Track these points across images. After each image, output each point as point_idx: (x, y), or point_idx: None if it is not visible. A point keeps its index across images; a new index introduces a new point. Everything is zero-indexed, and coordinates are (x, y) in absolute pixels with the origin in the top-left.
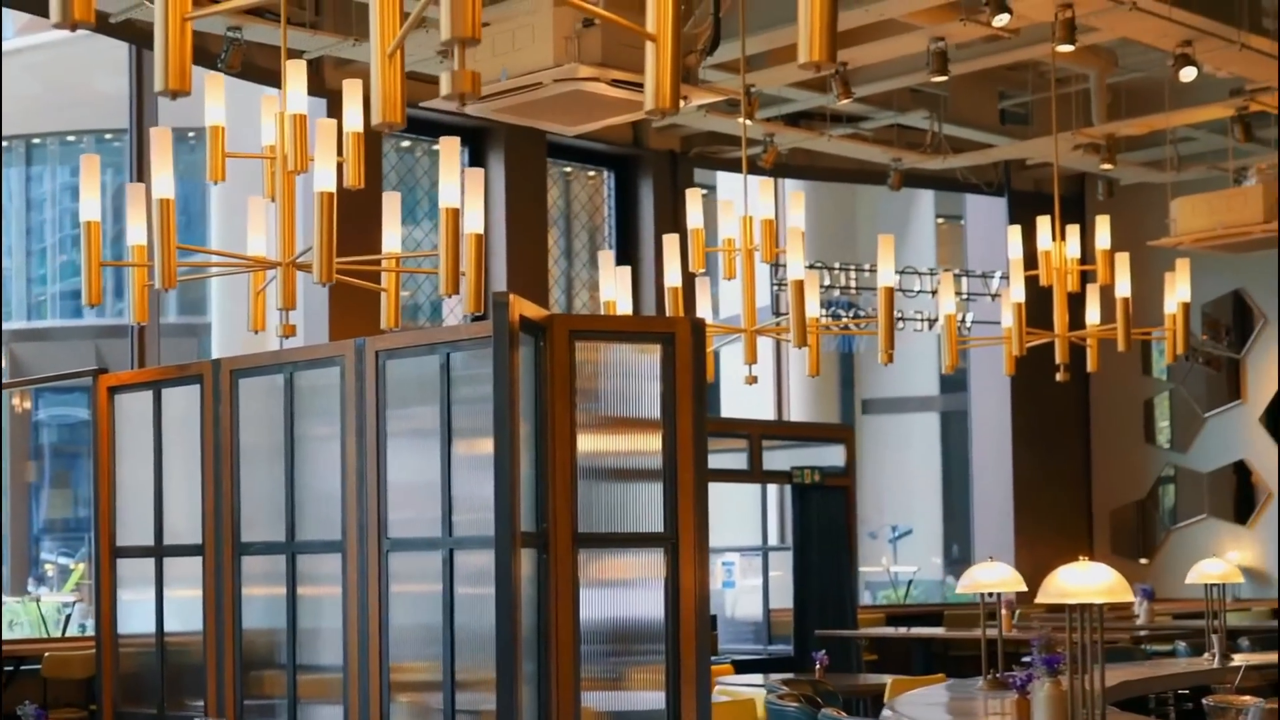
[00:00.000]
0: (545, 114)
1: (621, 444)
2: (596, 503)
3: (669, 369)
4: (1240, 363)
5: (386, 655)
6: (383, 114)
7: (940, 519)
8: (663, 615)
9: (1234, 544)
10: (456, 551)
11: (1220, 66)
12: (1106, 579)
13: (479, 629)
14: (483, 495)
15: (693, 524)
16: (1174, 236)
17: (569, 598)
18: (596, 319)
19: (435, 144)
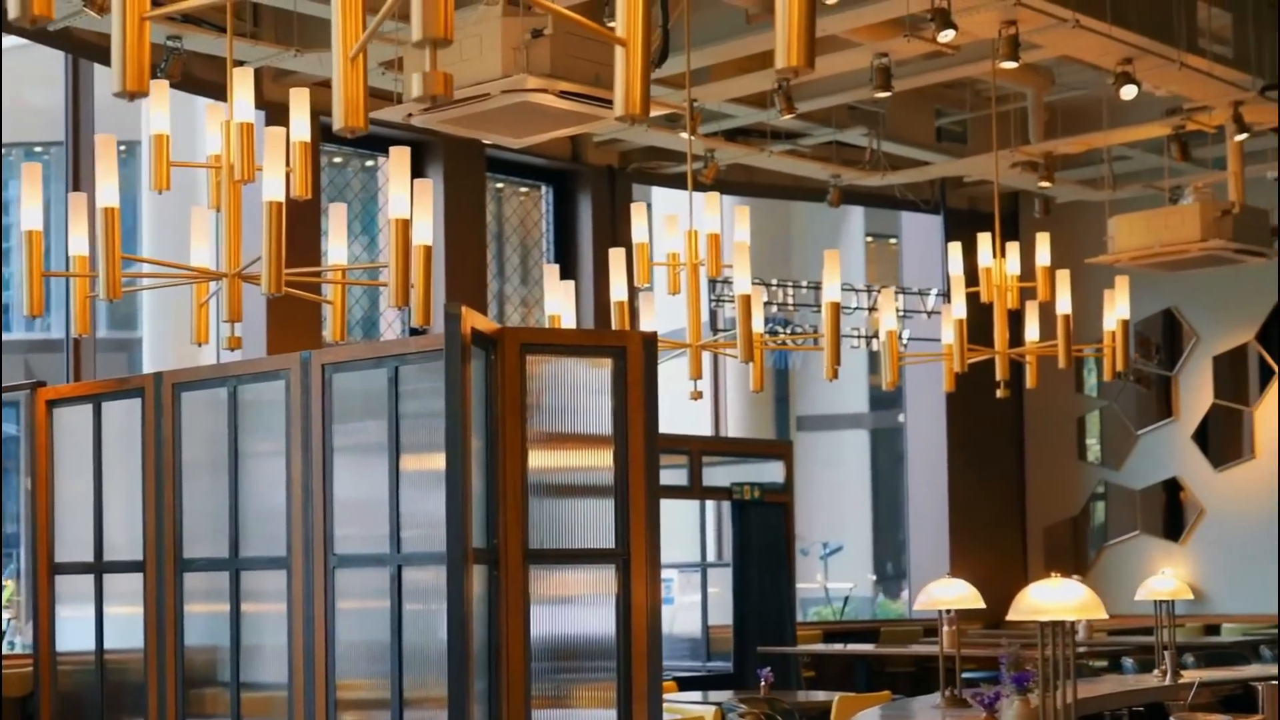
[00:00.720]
0: (492, 125)
1: (572, 459)
2: (547, 519)
3: (620, 383)
4: (1172, 381)
5: (333, 673)
6: (345, 119)
7: (870, 535)
8: (614, 632)
9: (1166, 561)
10: (405, 568)
11: (1159, 85)
12: (1079, 595)
13: (428, 646)
14: (432, 511)
15: (644, 540)
16: (1112, 254)
17: (519, 615)
18: (548, 332)
19: (370, 159)
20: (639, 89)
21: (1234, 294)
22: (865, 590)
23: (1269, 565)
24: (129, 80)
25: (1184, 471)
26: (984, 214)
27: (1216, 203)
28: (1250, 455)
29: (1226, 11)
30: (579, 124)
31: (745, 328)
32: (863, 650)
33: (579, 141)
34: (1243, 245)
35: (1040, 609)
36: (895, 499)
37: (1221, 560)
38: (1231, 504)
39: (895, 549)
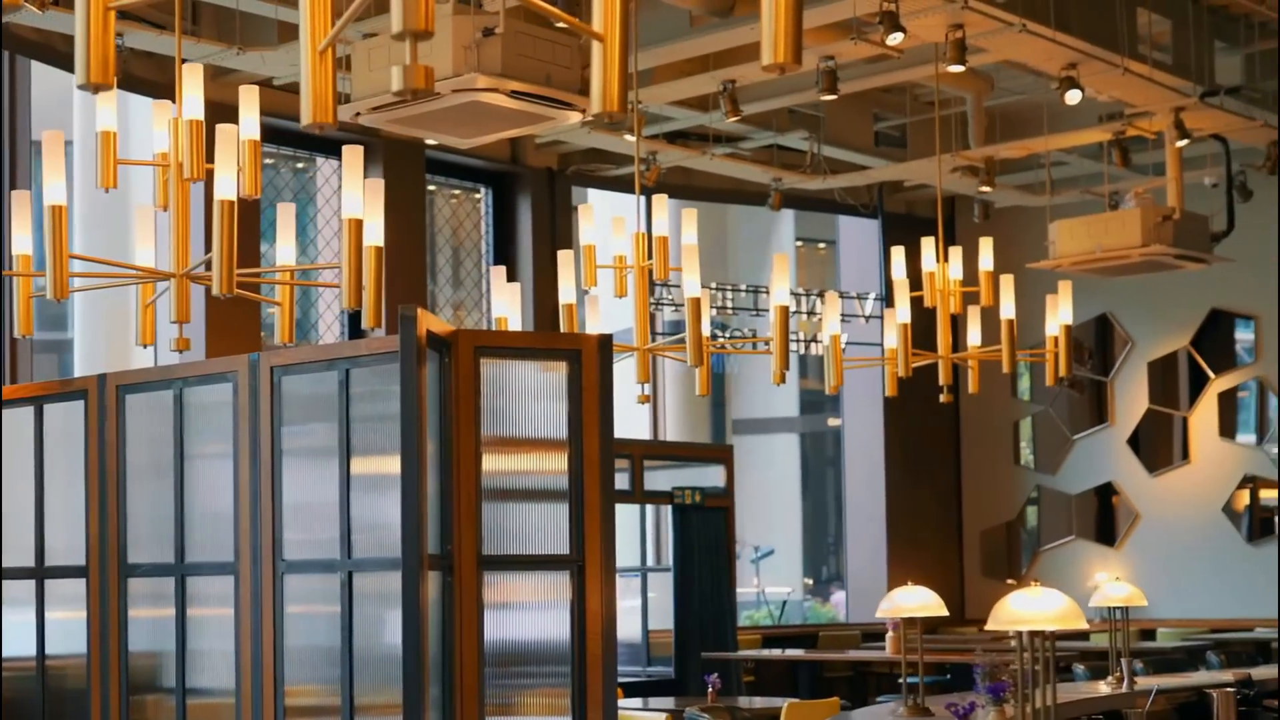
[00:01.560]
0: (441, 125)
1: (527, 463)
2: (501, 524)
3: (575, 386)
4: (1108, 386)
5: (281, 679)
6: (313, 114)
7: (800, 540)
8: (569, 639)
9: (1102, 565)
10: (356, 574)
11: (1102, 90)
12: (1059, 605)
13: (379, 652)
14: (383, 516)
15: (599, 546)
16: (1053, 259)
17: (473, 621)
18: (502, 335)
19: (300, 161)
20: (616, 86)
21: (1169, 300)
22: (796, 594)
23: (1204, 570)
24: (93, 72)
25: (1119, 476)
26: (921, 219)
27: (1157, 208)
28: (1185, 460)
29: (1166, 18)
30: (529, 124)
31: (695, 331)
32: (817, 656)
33: (518, 143)
34: (1183, 251)
35: (1019, 618)
36: (824, 503)
37: (1157, 565)
38: (1167, 509)
39: (824, 553)
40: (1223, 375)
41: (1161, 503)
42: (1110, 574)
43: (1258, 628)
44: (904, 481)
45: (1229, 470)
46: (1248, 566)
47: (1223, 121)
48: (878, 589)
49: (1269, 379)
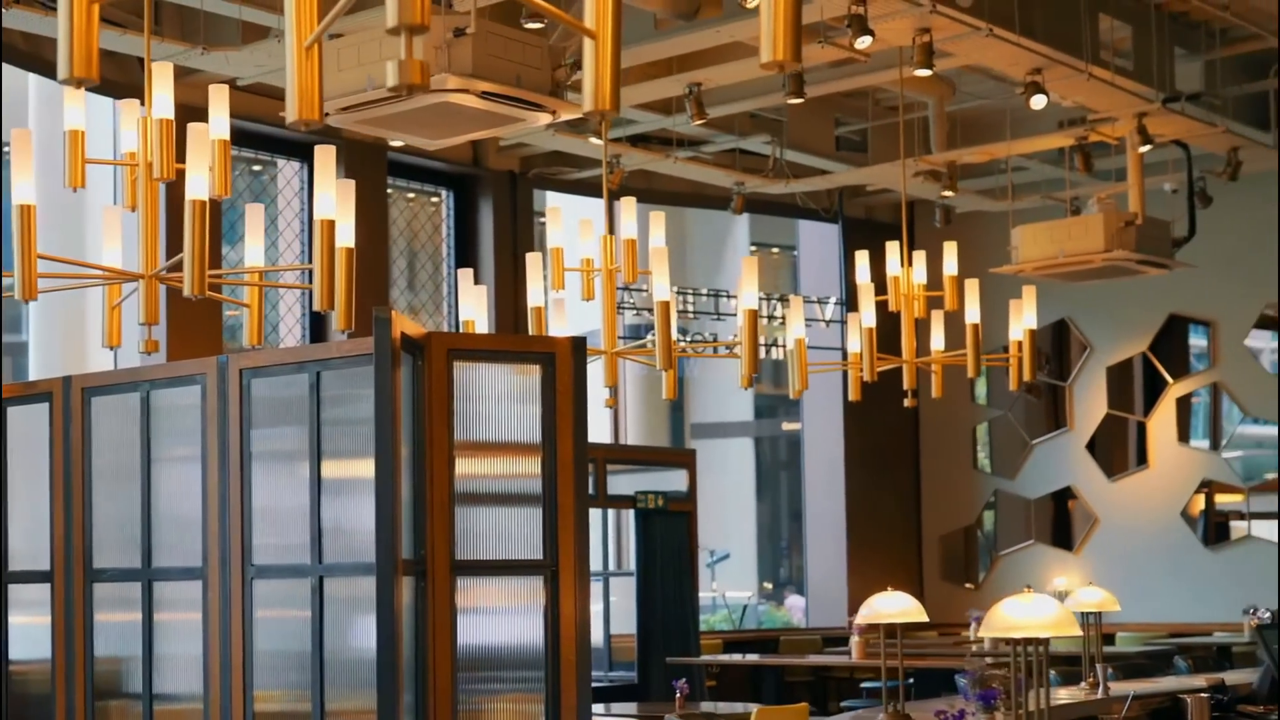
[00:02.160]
0: (410, 126)
1: (500, 467)
2: (474, 528)
3: (549, 390)
4: (1066, 391)
5: (251, 684)
6: (299, 111)
7: (754, 544)
8: (543, 644)
9: (1061, 570)
10: (327, 579)
11: (1066, 95)
12: (1053, 612)
13: (350, 658)
14: (354, 520)
15: (573, 550)
16: (1016, 264)
17: (447, 626)
18: (475, 338)
19: (257, 164)
20: (609, 84)
21: (1127, 305)
22: (755, 599)
23: (1163, 574)
24: (77, 66)
25: (1078, 481)
26: (880, 223)
27: (1120, 214)
28: (1144, 465)
29: (1128, 25)
30: (499, 126)
31: (665, 335)
32: (790, 661)
33: (480, 146)
34: (1145, 256)
35: (1014, 625)
36: (778, 508)
37: (1116, 569)
38: (1125, 513)
39: (778, 557)
40: (1181, 380)
41: (1120, 507)
42: (1069, 578)
43: (1217, 632)
44: (864, 486)
45: (1187, 475)
46: (1206, 571)
47: (1184, 127)
48: (838, 594)
49: (1226, 384)
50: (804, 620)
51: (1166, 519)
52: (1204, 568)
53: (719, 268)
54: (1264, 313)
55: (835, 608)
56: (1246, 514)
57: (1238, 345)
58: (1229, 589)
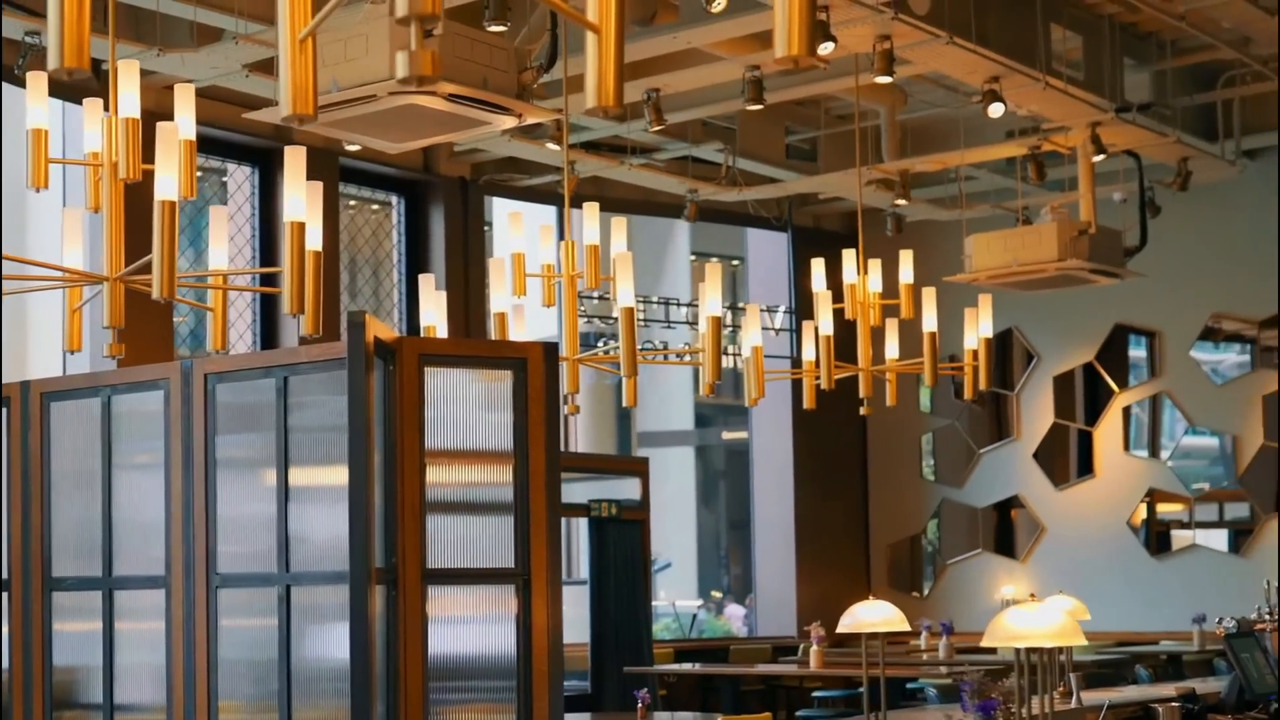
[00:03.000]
0: (373, 129)
1: (471, 475)
2: (445, 537)
3: (520, 397)
4: (1013, 400)
5: (215, 694)
6: (293, 105)
7: (695, 553)
8: (514, 654)
9: (1008, 579)
10: (294, 587)
11: (1022, 104)
12: (1056, 620)
13: (317, 667)
14: (323, 528)
15: (545, 559)
16: (969, 273)
17: (418, 636)
18: (447, 343)
19: (203, 169)
20: (612, 80)
21: (1074, 315)
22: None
23: (1110, 583)
24: (68, 56)
25: (1025, 490)
26: (829, 232)
27: (1073, 223)
28: (1091, 474)
29: (1079, 35)
30: (464, 129)
31: (630, 341)
32: (751, 671)
33: (431, 152)
34: (1098, 265)
35: (1017, 635)
36: (720, 517)
37: (1062, 578)
38: (1072, 522)
39: (718, 566)
40: (1127, 390)
41: (1067, 517)
42: (1016, 587)
43: (1164, 640)
44: (813, 495)
45: (1133, 484)
46: (1153, 580)
47: (1136, 137)
48: (787, 602)
49: (1172, 393)
50: (743, 629)
51: (1113, 528)
52: (1151, 577)
53: (659, 276)
54: (1207, 324)
55: (784, 616)
56: (1191, 523)
57: (1183, 355)
58: (1176, 598)
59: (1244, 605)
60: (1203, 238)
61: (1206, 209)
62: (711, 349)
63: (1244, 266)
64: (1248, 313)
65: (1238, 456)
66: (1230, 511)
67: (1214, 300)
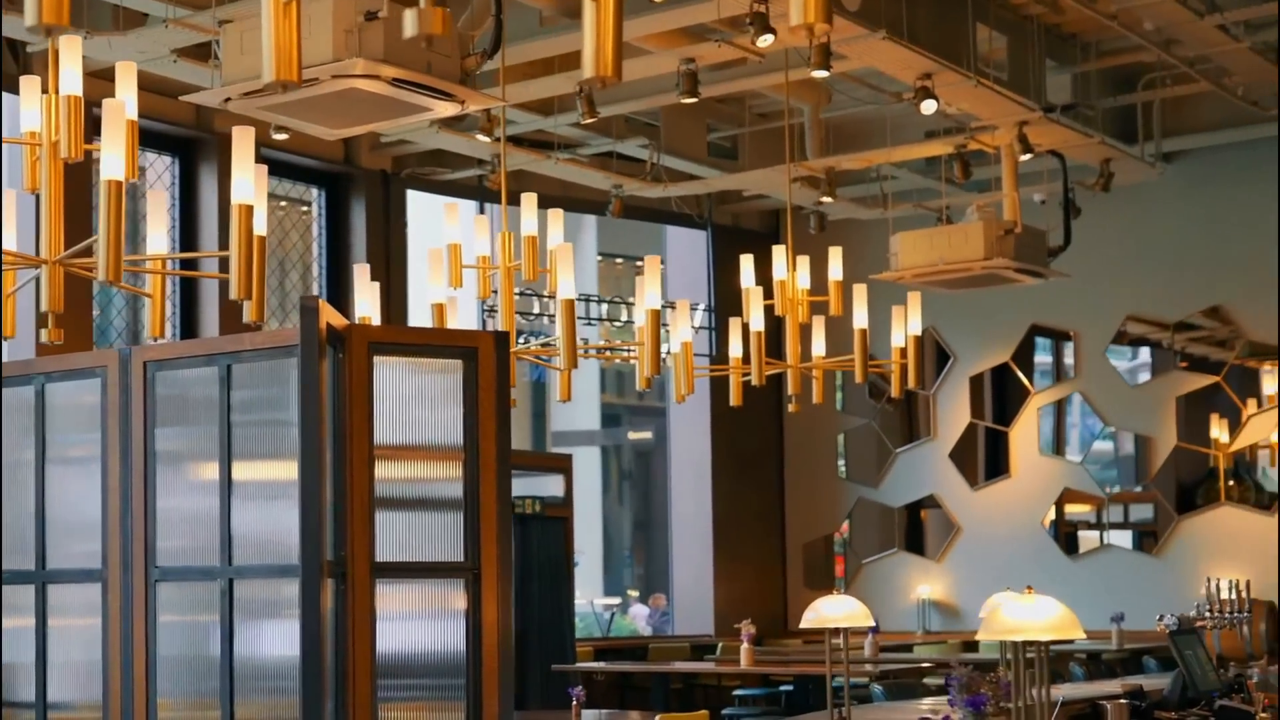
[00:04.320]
0: (313, 114)
1: (421, 467)
2: (394, 530)
3: (471, 387)
4: (930, 400)
5: (154, 691)
6: (276, 71)
7: (601, 551)
8: (464, 650)
9: (924, 578)
10: (237, 581)
11: (952, 102)
12: (1054, 613)
13: (261, 664)
14: (267, 521)
15: (495, 554)
16: (895, 271)
17: (366, 631)
18: (397, 330)
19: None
20: (611, 50)
21: (991, 315)
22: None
23: (1025, 583)
24: (45, 13)
25: (941, 489)
26: (747, 230)
27: (999, 222)
28: (1006, 474)
29: (1004, 35)
30: (405, 115)
31: (569, 334)
32: (684, 668)
33: (352, 144)
34: (1023, 265)
35: (1012, 628)
36: (626, 516)
37: (978, 578)
38: (988, 522)
39: (623, 565)
40: (1043, 391)
41: (983, 516)
42: (931, 586)
43: (1078, 639)
44: (730, 493)
45: (1049, 484)
46: (1068, 579)
47: (1061, 138)
48: (704, 601)
49: (1087, 394)
50: (648, 629)
51: (1028, 528)
52: (1066, 576)
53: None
54: (1123, 326)
55: (701, 615)
56: (1107, 523)
57: (1099, 356)
58: (1091, 597)
59: (1159, 604)
60: (1120, 240)
61: (1125, 211)
62: (651, 343)
63: (1161, 269)
64: (1163, 315)
65: (1150, 457)
66: (1138, 512)
67: (1130, 302)
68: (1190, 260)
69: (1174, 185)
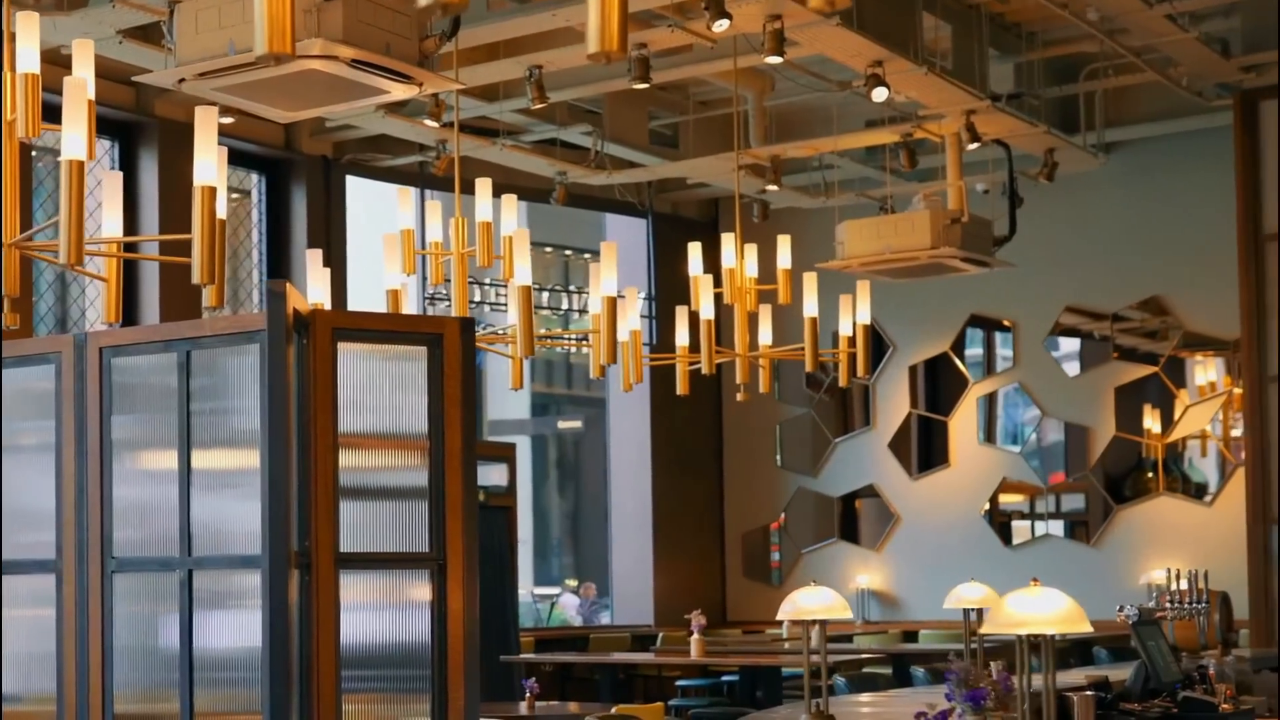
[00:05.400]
0: (269, 95)
1: (385, 456)
2: (358, 520)
3: (436, 374)
4: (870, 390)
5: (111, 683)
6: (269, 44)
7: (532, 541)
8: (429, 642)
9: (863, 567)
10: (196, 572)
11: (901, 90)
12: (1061, 606)
13: (221, 655)
14: (227, 510)
15: (461, 544)
16: (841, 259)
17: (331, 622)
18: (361, 316)
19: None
20: (616, 25)
21: (931, 304)
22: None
23: (964, 572)
24: None
25: (880, 479)
26: (686, 219)
27: (946, 211)
28: (945, 464)
29: (949, 24)
30: (363, 97)
31: (526, 321)
32: (629, 659)
33: (293, 129)
34: (970, 254)
35: (1019, 621)
36: (554, 504)
37: (917, 567)
38: (927, 512)
39: (551, 554)
40: (982, 380)
41: (922, 506)
42: (871, 576)
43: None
44: (669, 483)
45: (988, 474)
46: (1007, 569)
47: (1007, 127)
48: (644, 591)
49: (1026, 384)
50: (578, 619)
51: (968, 517)
52: (1005, 565)
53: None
54: (1061, 316)
55: (641, 605)
56: (1045, 513)
57: (1037, 346)
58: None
59: (1098, 593)
60: (1060, 230)
61: (1066, 201)
62: (608, 330)
63: (1100, 259)
64: (1103, 305)
65: (1089, 447)
66: (1076, 503)
67: (1069, 292)
68: (1129, 251)
69: (1114, 175)
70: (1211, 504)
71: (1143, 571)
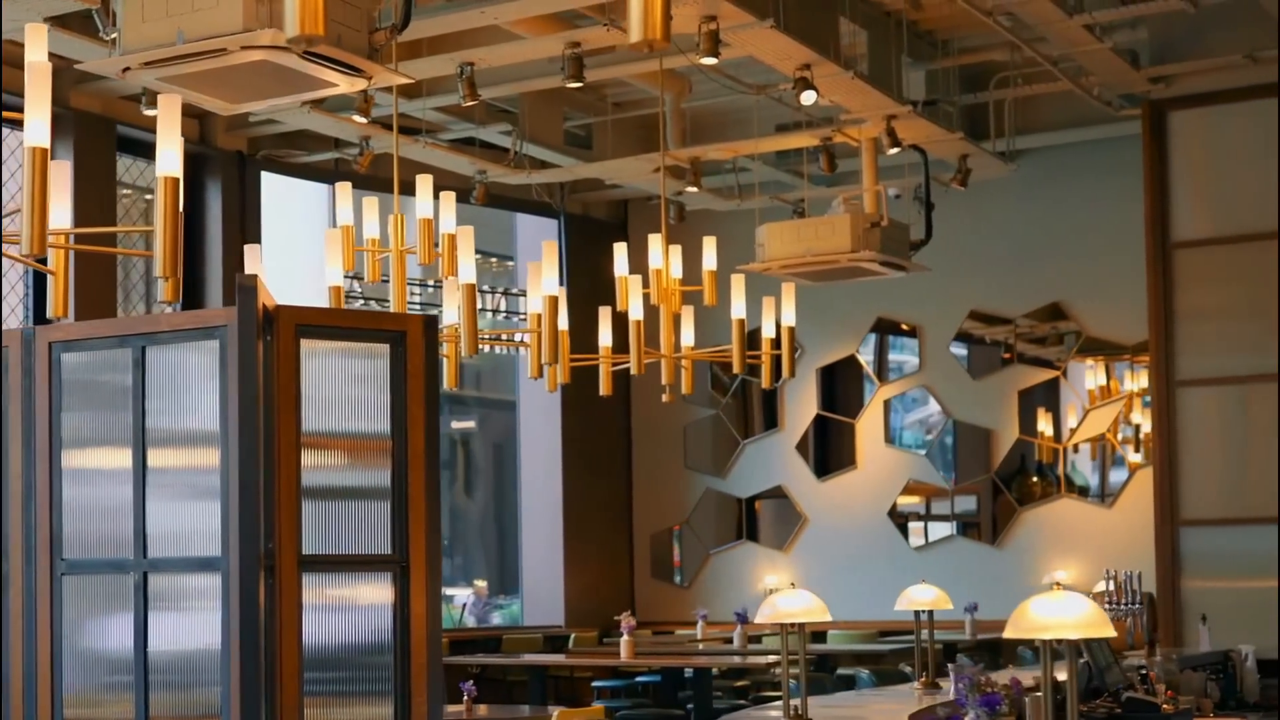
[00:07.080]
0: (215, 86)
1: (348, 455)
2: (320, 521)
3: (399, 372)
4: (778, 392)
5: (60, 688)
6: (301, 26)
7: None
8: (391, 644)
9: (771, 568)
10: (151, 574)
11: (826, 94)
12: (1084, 610)
13: (177, 659)
14: (182, 511)
15: (424, 545)
16: (762, 262)
17: (294, 625)
18: (324, 312)
19: None
20: (659, 13)
21: (839, 307)
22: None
23: (871, 573)
24: None
25: (788, 481)
26: (597, 220)
27: (866, 215)
28: (852, 465)
29: (864, 30)
30: (311, 89)
31: (470, 319)
32: (591, 662)
33: (207, 124)
34: (888, 258)
35: (1041, 625)
36: (443, 504)
37: (825, 568)
38: (834, 513)
39: (449, 554)
40: (889, 383)
41: (829, 507)
42: (779, 577)
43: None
44: (579, 484)
45: (894, 476)
46: (914, 570)
47: (925, 133)
48: (554, 591)
49: (932, 387)
50: (470, 619)
51: (874, 519)
52: (911, 567)
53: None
54: (966, 321)
55: (553, 606)
56: (947, 515)
57: (943, 349)
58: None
59: (1003, 594)
60: (967, 235)
61: (973, 207)
62: (550, 329)
63: (1005, 265)
64: (1007, 310)
65: (993, 450)
66: (978, 504)
67: (974, 296)
68: (1033, 257)
69: (1021, 182)
70: (1112, 506)
71: (1045, 572)
